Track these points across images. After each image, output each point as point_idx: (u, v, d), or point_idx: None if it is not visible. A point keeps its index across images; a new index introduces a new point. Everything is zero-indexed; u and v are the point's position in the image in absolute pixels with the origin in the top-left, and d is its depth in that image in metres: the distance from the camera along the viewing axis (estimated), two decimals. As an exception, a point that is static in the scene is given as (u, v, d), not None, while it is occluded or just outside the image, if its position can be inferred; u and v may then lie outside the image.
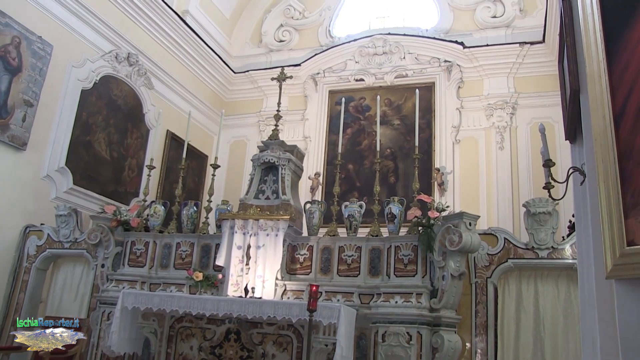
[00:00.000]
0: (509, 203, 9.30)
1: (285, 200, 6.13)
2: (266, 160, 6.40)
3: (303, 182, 9.54)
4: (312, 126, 11.04)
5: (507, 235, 5.51)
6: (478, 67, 10.22)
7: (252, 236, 5.94)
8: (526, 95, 9.87)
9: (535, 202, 5.33)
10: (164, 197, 9.13)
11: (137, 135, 9.28)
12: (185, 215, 6.71)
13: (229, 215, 6.18)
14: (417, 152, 6.10)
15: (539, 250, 5.27)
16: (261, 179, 6.50)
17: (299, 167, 6.75)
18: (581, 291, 2.76)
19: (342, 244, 5.87)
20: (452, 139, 10.01)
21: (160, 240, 6.63)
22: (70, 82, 7.95)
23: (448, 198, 9.44)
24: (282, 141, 6.64)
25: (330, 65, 11.23)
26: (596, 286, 2.12)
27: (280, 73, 7.28)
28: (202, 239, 6.49)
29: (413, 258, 5.46)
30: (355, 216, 6.03)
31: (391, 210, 5.84)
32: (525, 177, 9.41)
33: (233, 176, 11.25)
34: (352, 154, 10.47)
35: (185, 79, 10.63)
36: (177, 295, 5.57)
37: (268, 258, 5.81)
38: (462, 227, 5.07)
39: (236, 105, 11.87)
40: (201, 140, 10.91)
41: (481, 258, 5.40)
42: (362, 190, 9.93)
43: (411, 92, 9.69)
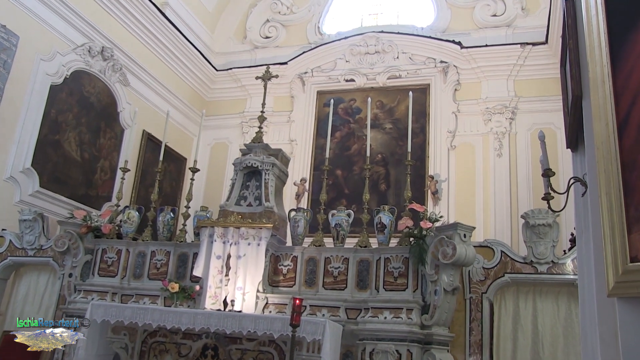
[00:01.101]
0: (506, 214, 9.34)
1: (269, 208, 6.11)
2: (249, 164, 6.38)
3: (288, 189, 9.51)
4: (298, 129, 11.03)
5: (504, 248, 5.53)
6: (476, 68, 10.28)
7: (232, 245, 5.91)
8: (527, 99, 9.94)
9: (534, 214, 5.35)
10: (138, 202, 9.07)
11: (110, 135, 9.22)
12: (161, 221, 6.67)
13: (208, 222, 6.14)
14: (409, 158, 6.10)
15: (538, 264, 5.29)
16: (243, 184, 6.47)
17: (284, 172, 6.73)
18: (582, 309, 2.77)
19: (329, 255, 5.85)
20: (447, 144, 10.06)
21: (133, 248, 6.57)
22: (38, 76, 7.88)
23: (442, 208, 9.46)
24: (266, 144, 6.63)
25: (319, 64, 11.24)
26: (597, 304, 2.13)
27: (266, 71, 7.26)
28: (179, 247, 6.44)
29: (404, 271, 5.45)
30: (342, 225, 6.02)
31: (381, 220, 5.83)
32: (524, 187, 9.47)
33: (213, 181, 11.21)
34: (340, 159, 10.47)
35: (163, 76, 10.59)
36: (150, 308, 5.51)
37: (249, 269, 5.78)
38: (457, 238, 5.08)
39: (218, 105, 11.84)
40: (180, 141, 10.86)
41: (476, 272, 5.41)
42: (351, 198, 9.93)
43: (404, 94, 9.69)
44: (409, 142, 6.19)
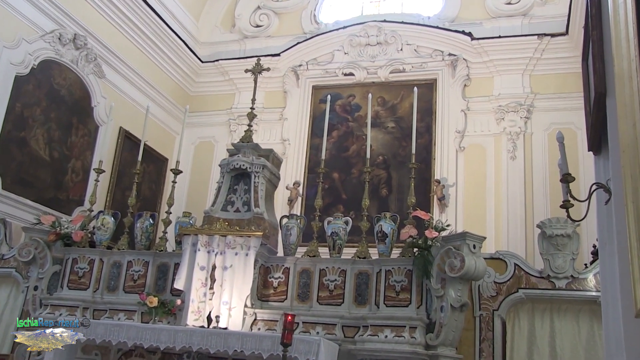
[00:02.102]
0: (521, 223, 9.35)
1: (258, 214, 6.10)
2: (237, 166, 6.37)
3: (279, 193, 9.48)
4: (291, 127, 11.03)
5: (518, 260, 5.52)
6: (488, 62, 10.30)
7: (217, 255, 5.90)
8: (544, 96, 9.96)
9: (551, 223, 5.34)
10: (114, 206, 9.03)
11: (83, 133, 9.18)
12: (139, 228, 6.65)
13: (191, 229, 6.12)
14: (413, 160, 6.11)
15: (555, 279, 5.29)
16: (230, 188, 6.47)
17: (275, 175, 6.73)
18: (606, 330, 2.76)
19: (324, 267, 5.85)
20: (455, 145, 10.06)
21: (108, 258, 6.55)
22: (1, 65, 7.83)
23: (449, 215, 9.46)
24: (256, 144, 6.62)
25: (314, 56, 11.24)
26: (624, 325, 2.11)
27: (256, 64, 7.26)
28: (159, 257, 6.43)
29: (406, 285, 5.45)
30: (339, 234, 6.02)
31: (382, 228, 5.83)
32: (541, 193, 9.47)
33: (197, 184, 11.18)
34: (337, 161, 10.47)
35: (143, 68, 10.57)
36: (126, 325, 5.49)
37: (236, 281, 5.76)
38: (465, 249, 5.07)
39: (203, 100, 11.83)
40: (161, 140, 10.83)
41: (487, 287, 5.41)
42: (349, 203, 9.92)
43: (409, 90, 9.71)
44: (414, 142, 6.19)
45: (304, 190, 10.49)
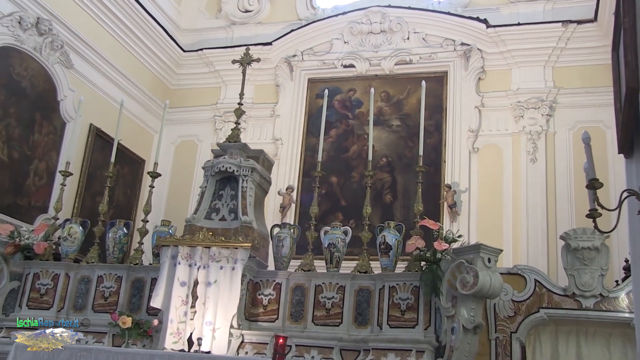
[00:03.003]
0: (542, 234, 9.34)
1: (247, 223, 6.10)
2: (222, 168, 6.36)
3: (271, 199, 9.48)
4: (284, 125, 11.03)
5: (539, 276, 5.51)
6: (505, 52, 10.31)
7: (200, 269, 5.88)
8: (569, 91, 9.97)
9: (577, 234, 5.33)
10: (82, 214, 9.00)
11: (48, 130, 9.15)
12: (111, 239, 6.64)
13: (170, 240, 6.11)
14: (421, 163, 6.10)
15: (582, 298, 5.27)
16: (215, 193, 6.47)
17: (266, 179, 6.73)
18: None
19: (320, 283, 5.84)
20: (468, 146, 10.07)
21: (75, 272, 6.53)
22: (-50, 53, 7.81)
23: (461, 225, 9.47)
24: (245, 144, 6.62)
25: (310, 45, 11.25)
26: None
27: (245, 54, 7.26)
28: (133, 271, 6.41)
29: (413, 303, 5.45)
30: (338, 246, 6.02)
31: (385, 239, 5.83)
32: (565, 201, 9.47)
33: (178, 189, 11.17)
34: (336, 163, 10.46)
35: (116, 57, 10.55)
36: (95, 349, 5.47)
37: (221, 299, 5.74)
38: (479, 263, 5.06)
39: (185, 94, 11.82)
40: (137, 139, 10.81)
41: (504, 306, 5.40)
42: (349, 211, 9.92)
43: (416, 83, 9.73)
44: (421, 143, 6.18)
45: (298, 196, 10.48)
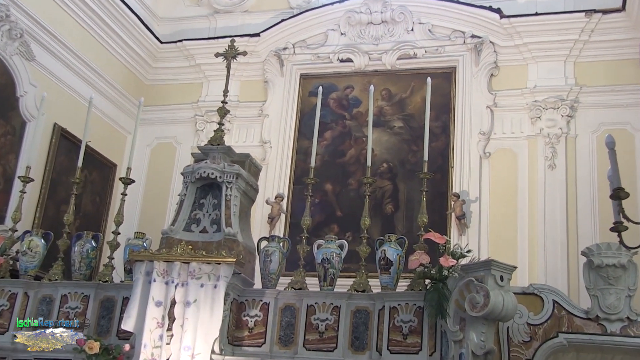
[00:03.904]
0: (562, 249, 9.35)
1: (231, 235, 6.10)
2: (204, 174, 6.35)
3: (258, 209, 9.49)
4: (274, 126, 11.03)
5: (558, 296, 5.50)
6: (521, 46, 10.33)
7: (178, 287, 5.86)
8: (592, 89, 9.99)
9: (601, 250, 5.32)
10: (45, 225, 8.99)
11: (5, 130, 9.13)
12: (77, 253, 6.62)
13: (144, 254, 6.10)
14: (426, 169, 6.12)
15: (607, 321, 5.27)
16: (195, 202, 6.47)
17: (253, 186, 6.73)
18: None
19: (313, 302, 5.84)
20: (479, 151, 10.09)
21: (35, 291, 6.52)
22: None
23: (471, 238, 9.48)
24: (229, 147, 6.62)
25: (303, 37, 11.27)
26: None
27: (229, 46, 7.26)
28: (102, 290, 6.41)
29: (416, 326, 5.46)
30: (332, 261, 6.01)
31: (386, 254, 5.84)
32: (587, 212, 9.48)
33: (154, 197, 11.17)
34: (331, 168, 10.48)
35: (85, 49, 10.53)
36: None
37: (201, 321, 5.73)
38: (491, 282, 5.07)
39: (162, 91, 11.83)
40: (108, 141, 10.81)
41: (518, 330, 5.40)
42: (345, 223, 9.94)
43: (421, 80, 9.74)
44: (426, 146, 6.20)
45: (288, 206, 10.48)
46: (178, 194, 6.70)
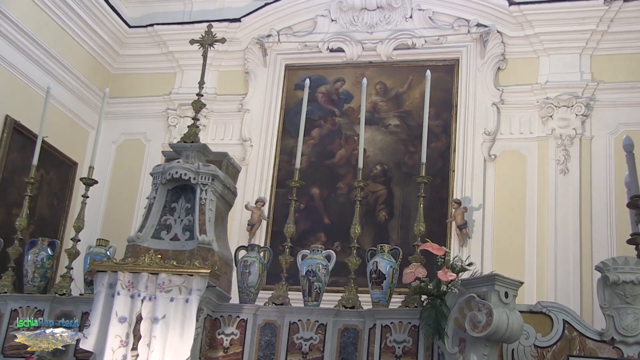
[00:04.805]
0: (574, 263, 9.35)
1: (205, 243, 6.09)
2: (176, 175, 6.35)
3: (236, 214, 9.50)
4: (255, 123, 11.03)
5: (569, 316, 5.53)
6: (532, 36, 10.36)
7: (145, 301, 5.85)
8: (611, 85, 9.99)
9: (617, 265, 5.33)
10: (-5, 230, 8.98)
11: (-55, 123, 9.14)
12: (31, 262, 6.62)
13: (108, 264, 6.07)
14: (423, 172, 6.14)
15: (623, 344, 5.28)
16: (166, 206, 6.47)
17: (230, 189, 6.74)
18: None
19: (296, 320, 5.86)
20: (483, 153, 10.11)
21: (-19, 305, 6.52)
22: None
23: (473, 250, 9.49)
24: (205, 145, 6.63)
25: (289, 23, 11.28)
26: None
27: (206, 32, 7.28)
28: (59, 304, 6.41)
29: (411, 347, 5.48)
30: (318, 274, 6.03)
31: (378, 267, 5.86)
32: (602, 222, 9.49)
33: (119, 199, 11.14)
34: (319, 170, 10.50)
35: (42, 32, 10.47)
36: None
37: (171, 339, 5.72)
38: (494, 299, 5.09)
39: (130, 81, 11.82)
40: (68, 136, 10.78)
41: (524, 352, 5.42)
42: (333, 231, 9.94)
43: (420, 73, 9.76)
44: (424, 147, 6.23)
45: (270, 211, 10.48)
46: (147, 197, 6.70)
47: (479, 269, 5.85)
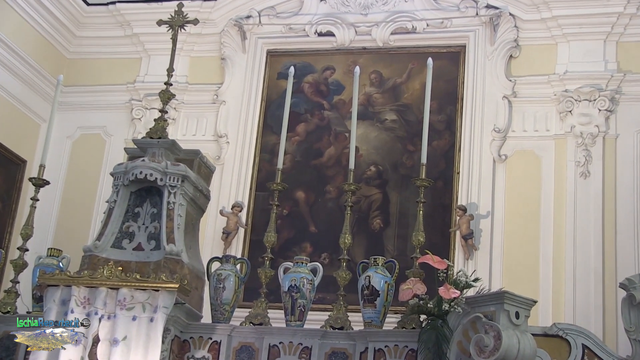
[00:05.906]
0: (595, 280, 9.34)
1: (173, 254, 6.11)
2: (140, 176, 6.36)
3: (209, 221, 9.51)
4: (232, 116, 11.03)
5: (590, 340, 5.55)
6: (549, 20, 10.36)
7: (104, 320, 5.86)
8: (639, 77, 10.02)
9: (644, 282, 5.40)
10: None
11: None
12: (-28, 274, 6.62)
13: (60, 278, 6.08)
14: (424, 174, 6.17)
15: (652, 371, 5.34)
16: (129, 211, 6.50)
17: (203, 192, 6.76)
18: None
19: (276, 342, 5.87)
20: (492, 153, 10.13)
21: None
22: None
23: (479, 264, 9.50)
24: (174, 141, 6.66)
25: (272, 3, 11.28)
26: None
27: (176, 12, 7.30)
28: (2, 323, 6.41)
29: (408, 374, 5.50)
30: (303, 290, 6.05)
31: (371, 282, 5.88)
32: (628, 233, 9.48)
33: (75, 203, 11.12)
34: (304, 172, 10.51)
35: (-11, 12, 10.52)
36: None
37: (132, 364, 5.75)
38: (503, 319, 5.12)
39: (88, 67, 11.81)
40: (15, 130, 10.77)
41: (537, 380, 5.46)
42: (320, 241, 9.94)
43: (421, 62, 9.78)
44: (424, 146, 6.26)
45: (248, 218, 10.48)
46: (106, 200, 6.71)
47: (487, 285, 5.91)
